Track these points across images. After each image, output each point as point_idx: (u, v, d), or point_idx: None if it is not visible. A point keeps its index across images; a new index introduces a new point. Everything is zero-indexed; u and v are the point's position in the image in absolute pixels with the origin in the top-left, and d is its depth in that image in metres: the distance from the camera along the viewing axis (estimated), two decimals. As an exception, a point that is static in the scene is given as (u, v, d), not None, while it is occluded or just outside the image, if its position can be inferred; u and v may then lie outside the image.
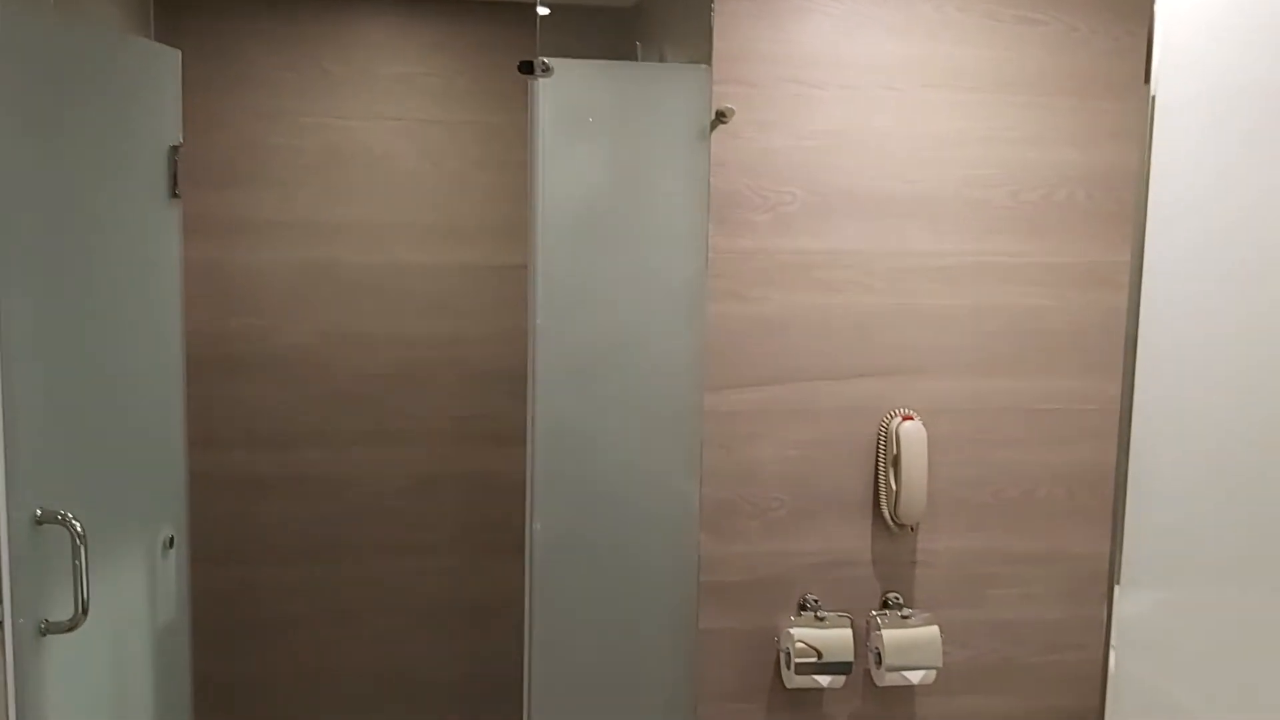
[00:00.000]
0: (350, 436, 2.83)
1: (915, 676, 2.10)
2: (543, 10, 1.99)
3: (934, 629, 2.11)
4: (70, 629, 1.72)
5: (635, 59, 2.21)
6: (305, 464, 2.81)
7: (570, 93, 2.02)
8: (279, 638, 2.83)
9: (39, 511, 1.70)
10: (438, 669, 2.91)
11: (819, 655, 2.09)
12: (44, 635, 1.72)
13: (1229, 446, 1.34)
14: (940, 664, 2.11)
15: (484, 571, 2.91)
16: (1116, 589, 1.35)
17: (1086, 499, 2.23)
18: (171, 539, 2.19)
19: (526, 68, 1.99)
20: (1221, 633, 1.37)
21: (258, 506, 2.80)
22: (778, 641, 2.16)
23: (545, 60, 1.98)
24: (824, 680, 2.09)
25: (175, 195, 2.16)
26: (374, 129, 2.71)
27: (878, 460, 2.15)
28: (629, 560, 2.14)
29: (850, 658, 2.09)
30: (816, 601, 2.17)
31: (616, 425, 2.08)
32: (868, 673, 2.19)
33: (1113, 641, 1.36)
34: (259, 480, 2.79)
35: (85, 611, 1.72)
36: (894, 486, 2.12)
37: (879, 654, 2.11)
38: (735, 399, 2.12)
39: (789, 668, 2.10)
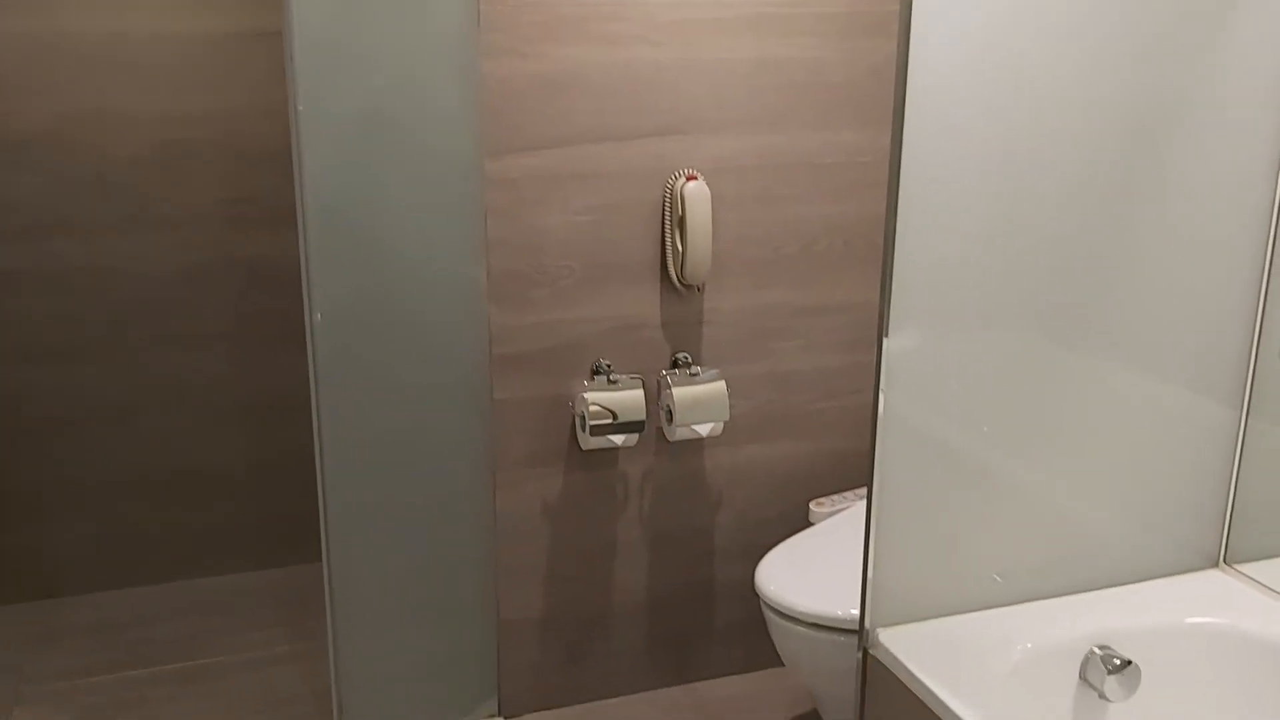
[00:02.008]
0: (107, 225, 2.62)
1: (704, 430, 2.18)
2: None
3: (721, 384, 2.18)
4: None
5: None
6: (56, 257, 2.60)
7: None
8: (45, 443, 2.69)
9: None
10: (224, 465, 2.84)
11: (614, 416, 2.13)
12: None
13: (987, 198, 1.39)
14: (728, 417, 2.19)
15: (267, 362, 2.81)
16: (885, 338, 1.40)
17: (863, 250, 2.30)
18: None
19: None
20: (976, 371, 1.45)
21: (7, 304, 2.59)
22: (572, 406, 2.19)
23: None
24: (618, 439, 2.15)
25: None
26: None
27: (664, 222, 2.15)
28: (417, 338, 2.09)
29: (643, 417, 2.15)
30: (609, 365, 2.19)
31: (393, 199, 1.98)
32: (660, 429, 2.26)
33: (881, 385, 1.42)
34: (5, 275, 2.57)
35: None
36: (680, 248, 2.13)
37: (670, 411, 2.17)
38: (517, 164, 2.05)
39: (584, 430, 2.14)
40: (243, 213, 2.71)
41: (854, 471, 2.43)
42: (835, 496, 2.33)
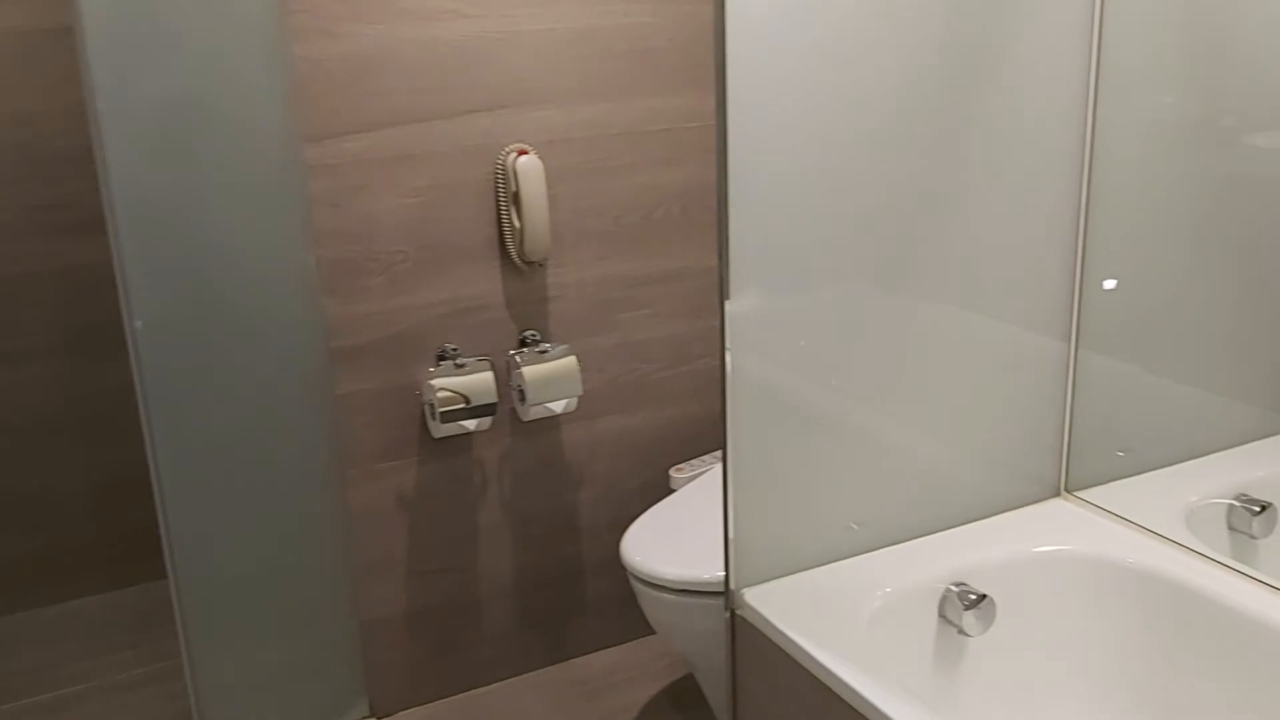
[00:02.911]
0: (-106, 241, 2.42)
1: (558, 406, 2.15)
2: None
3: (572, 359, 2.16)
4: None
5: None
6: None
7: None
8: None
9: None
10: (60, 485, 2.68)
11: (467, 401, 2.09)
12: None
13: (814, 154, 1.39)
14: (581, 392, 2.17)
15: (94, 375, 2.66)
16: (726, 300, 1.40)
17: (700, 215, 2.30)
18: None
19: None
20: (819, 326, 1.47)
21: None
22: (420, 394, 2.14)
23: None
24: (470, 424, 2.10)
25: None
26: None
27: (498, 199, 2.10)
28: (249, 338, 2.00)
29: (494, 399, 2.11)
30: (455, 350, 2.14)
31: (208, 194, 1.88)
32: (513, 410, 2.23)
33: (727, 347, 1.42)
34: None
35: None
36: (517, 224, 2.09)
37: (522, 391, 2.13)
38: (338, 149, 1.97)
39: (434, 418, 2.08)
40: (53, 220, 2.55)
41: (711, 435, 2.44)
42: (694, 461, 2.34)
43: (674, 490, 2.26)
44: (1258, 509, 1.59)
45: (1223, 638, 1.42)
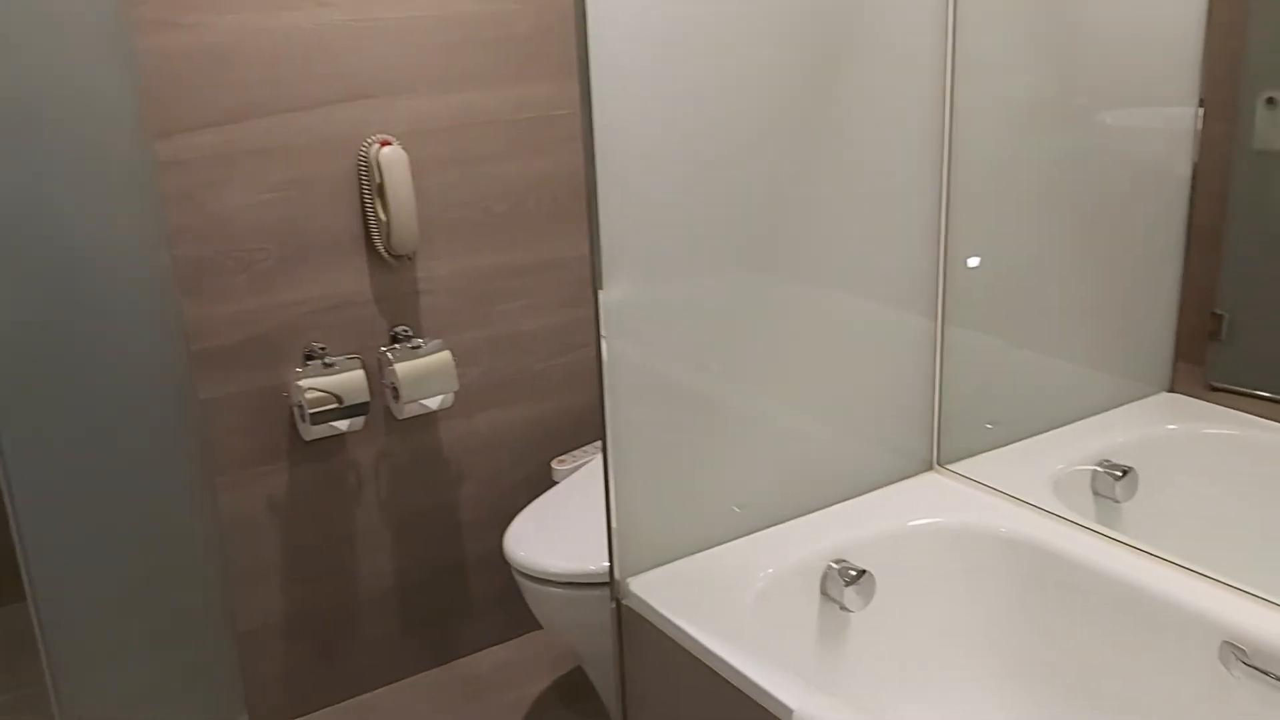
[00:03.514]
0: None
1: (434, 403, 2.11)
2: None
3: (446, 354, 2.11)
4: None
5: None
6: None
7: None
8: None
9: None
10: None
11: (340, 401, 2.03)
12: None
13: (681, 140, 1.39)
14: (456, 386, 2.13)
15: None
16: (600, 290, 1.38)
17: (571, 203, 2.28)
18: None
19: None
20: (694, 312, 1.46)
21: None
22: (288, 396, 2.07)
23: None
24: (343, 425, 2.04)
25: None
26: None
27: (362, 192, 2.05)
28: (103, 347, 1.90)
29: (366, 398, 2.05)
30: (323, 349, 2.08)
31: (52, 197, 1.78)
32: (387, 408, 2.18)
33: (602, 336, 1.41)
34: None
35: None
36: (383, 217, 2.03)
37: (395, 388, 2.08)
38: (191, 144, 1.89)
39: (304, 420, 2.02)
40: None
41: (593, 425, 2.43)
42: (576, 452, 2.32)
43: (556, 482, 2.24)
44: (1120, 473, 1.65)
45: (1091, 599, 1.47)
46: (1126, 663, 1.44)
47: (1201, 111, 1.66)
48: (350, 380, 2.04)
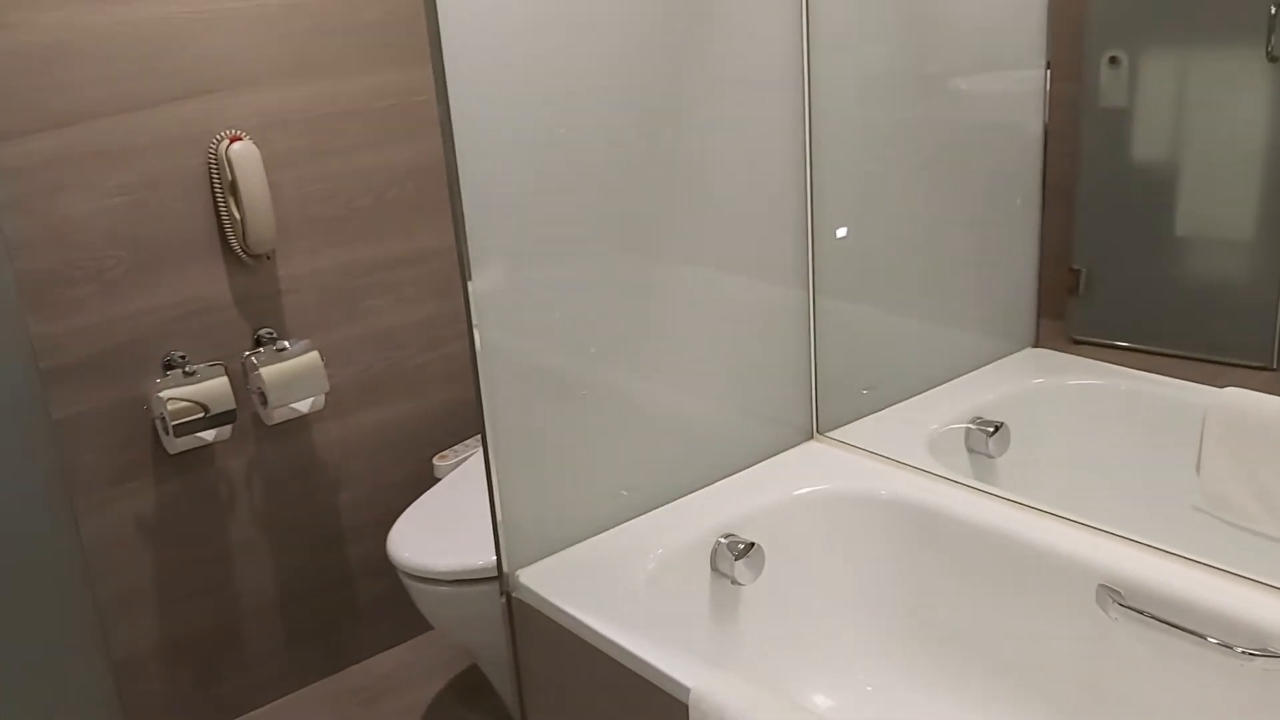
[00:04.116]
0: None
1: (304, 406, 2.04)
2: None
3: (314, 355, 2.05)
4: None
5: None
6: None
7: None
8: None
9: None
10: None
11: (206, 410, 1.94)
12: None
13: (543, 123, 1.36)
14: (327, 387, 2.06)
15: None
16: (469, 281, 1.35)
17: (436, 192, 2.23)
18: None
19: None
20: (571, 296, 1.44)
21: None
22: (149, 409, 1.98)
23: None
24: (209, 435, 1.96)
25: None
26: None
27: (214, 191, 1.96)
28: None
29: (232, 405, 1.97)
30: (183, 357, 1.99)
31: None
32: (255, 415, 2.10)
33: (475, 327, 1.37)
34: None
35: None
36: (238, 216, 1.95)
37: (262, 393, 2.01)
38: (24, 150, 1.78)
39: (167, 432, 1.93)
40: None
41: (473, 419, 2.38)
42: (458, 447, 2.28)
43: (439, 479, 2.19)
44: (992, 429, 1.69)
45: (972, 554, 1.50)
46: (1010, 612, 1.48)
47: (1049, 73, 1.70)
48: (214, 388, 1.96)
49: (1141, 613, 1.32)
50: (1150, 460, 1.62)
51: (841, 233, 1.69)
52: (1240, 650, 1.24)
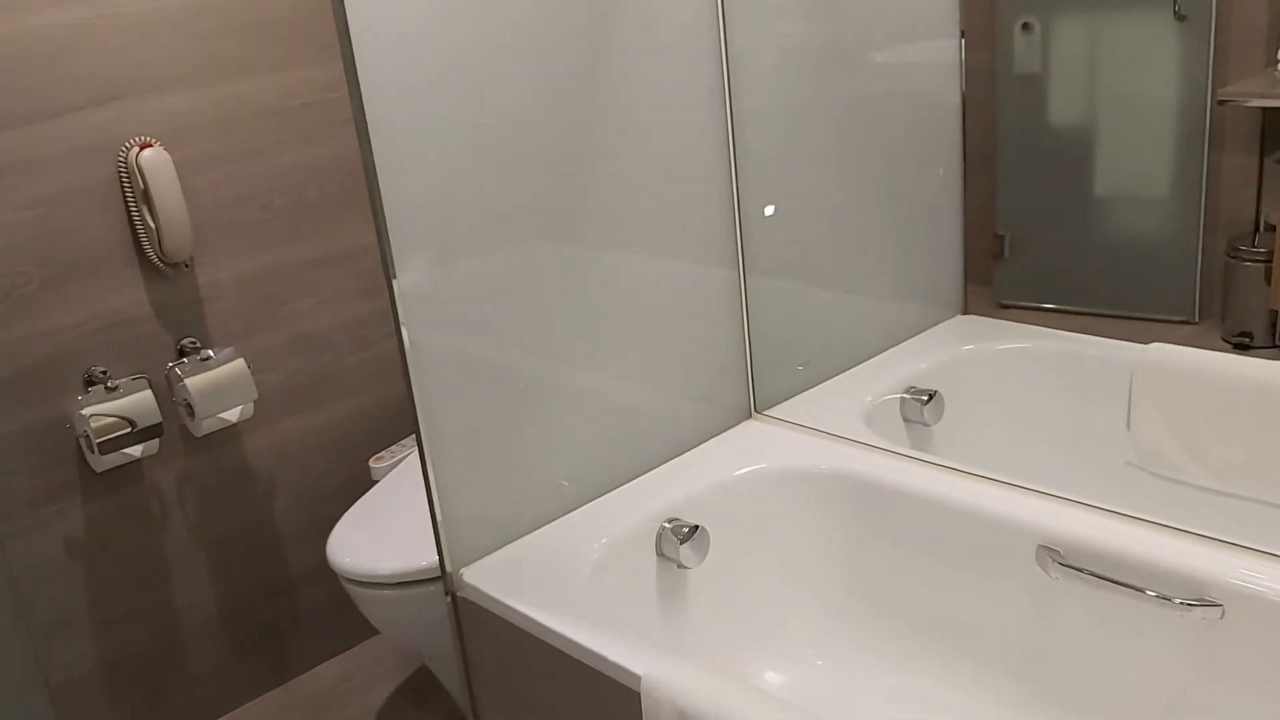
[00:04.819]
0: None
1: (233, 415, 1.99)
2: None
3: (240, 363, 2.00)
4: None
5: None
6: None
7: None
8: None
9: None
10: None
11: (133, 425, 1.89)
12: None
13: (460, 114, 1.34)
14: (256, 395, 2.02)
15: None
16: (394, 279, 1.33)
17: (358, 190, 2.19)
18: None
19: None
20: (503, 289, 1.42)
21: None
22: (72, 427, 1.92)
23: None
24: (136, 450, 1.91)
25: None
26: None
27: (126, 200, 1.90)
28: None
29: (158, 419, 1.92)
30: (104, 372, 1.93)
31: None
32: (183, 427, 2.05)
33: (403, 325, 1.35)
34: None
35: None
36: (153, 225, 1.90)
37: (189, 405, 1.96)
38: (-79, 168, 1.72)
39: (93, 450, 1.88)
40: None
41: (407, 418, 2.35)
42: (394, 447, 2.25)
43: (377, 481, 2.16)
44: (926, 398, 1.71)
45: (913, 522, 1.52)
46: (953, 578, 1.49)
47: (963, 42, 1.71)
48: (138, 402, 1.91)
49: (1081, 570, 1.34)
50: (1082, 419, 1.64)
51: (769, 210, 1.69)
52: (1178, 601, 1.26)
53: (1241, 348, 1.46)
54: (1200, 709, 1.30)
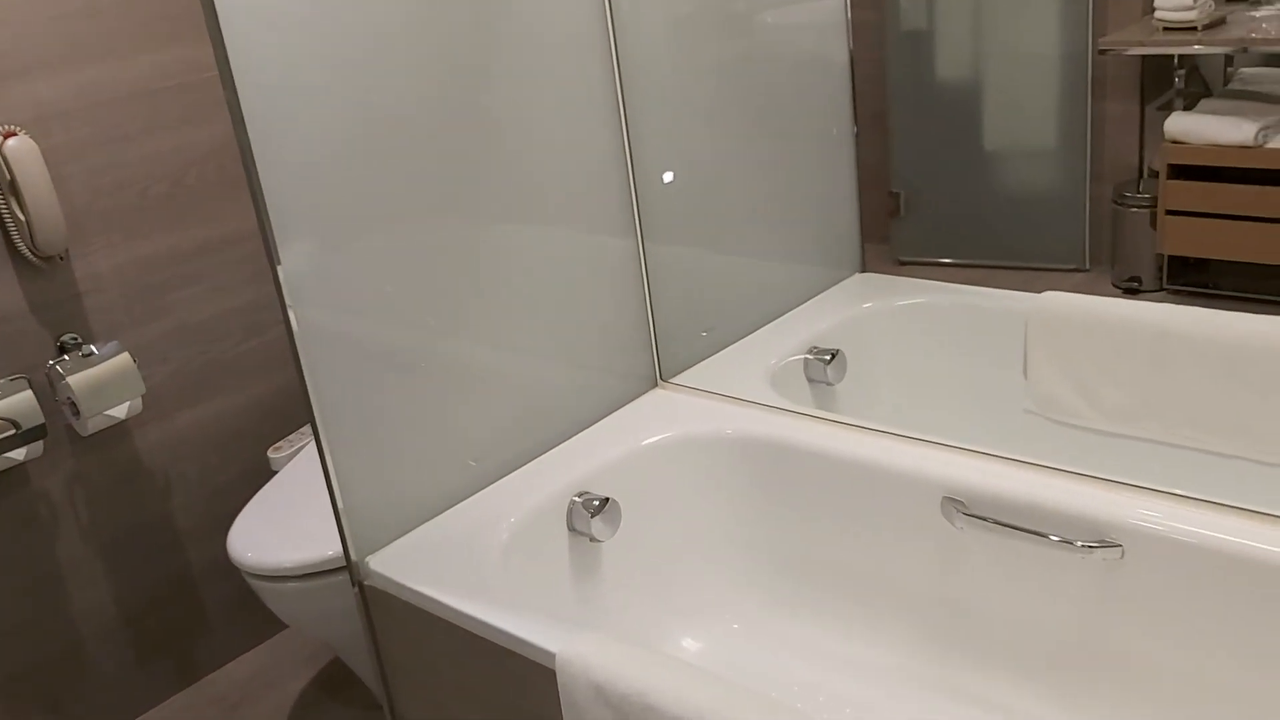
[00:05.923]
0: None
1: (121, 412, 1.91)
2: None
3: (125, 356, 1.92)
4: None
5: None
6: None
7: None
8: None
9: None
10: None
11: (17, 427, 1.80)
12: None
13: (341, 91, 1.29)
14: (144, 389, 1.94)
15: None
16: (278, 265, 1.28)
17: (239, 173, 2.11)
18: None
19: None
20: (398, 269, 1.38)
21: None
22: (-54, 435, 1.82)
23: None
24: (19, 454, 1.82)
25: None
26: None
27: (-9, 193, 1.81)
28: None
29: (41, 420, 1.83)
30: (-21, 374, 1.84)
31: None
32: (69, 427, 1.96)
33: (290, 310, 1.30)
34: None
35: None
36: (22, 217, 1.81)
37: (73, 403, 1.87)
38: None
39: (-29, 458, 1.79)
40: None
41: (304, 405, 2.29)
42: (292, 437, 2.19)
43: (276, 472, 2.10)
44: (828, 357, 1.72)
45: (821, 482, 1.52)
46: (863, 535, 1.50)
47: (849, 0, 1.71)
48: (19, 403, 1.82)
49: (985, 520, 1.36)
50: (980, 370, 1.67)
51: (668, 177, 1.67)
52: (1080, 544, 1.29)
53: (1131, 292, 1.50)
54: (1107, 648, 1.33)
